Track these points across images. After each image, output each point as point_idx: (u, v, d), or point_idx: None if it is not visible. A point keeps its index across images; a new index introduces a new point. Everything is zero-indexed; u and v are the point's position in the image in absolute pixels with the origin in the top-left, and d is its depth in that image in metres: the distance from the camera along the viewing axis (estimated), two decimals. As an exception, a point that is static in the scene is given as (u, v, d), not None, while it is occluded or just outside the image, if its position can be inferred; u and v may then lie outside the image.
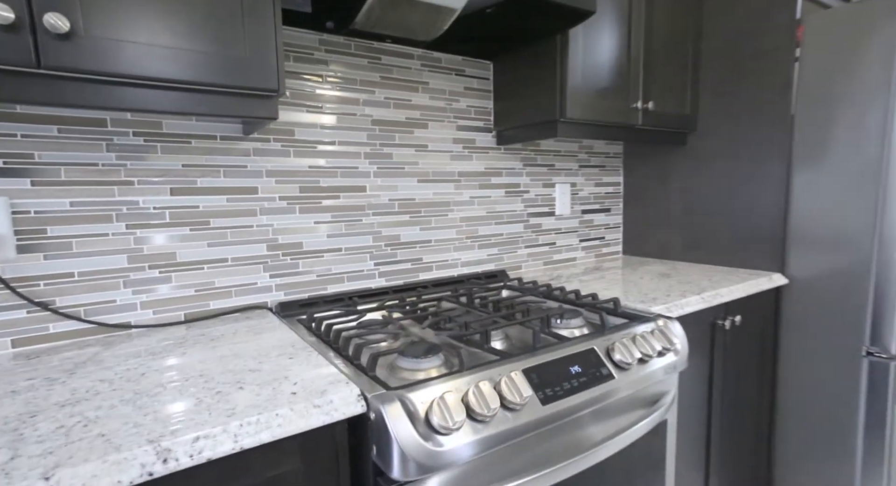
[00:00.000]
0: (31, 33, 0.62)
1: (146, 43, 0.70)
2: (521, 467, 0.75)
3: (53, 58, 0.63)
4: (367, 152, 1.24)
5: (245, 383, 0.68)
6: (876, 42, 1.21)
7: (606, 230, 1.84)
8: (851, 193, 1.28)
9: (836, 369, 1.33)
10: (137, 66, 0.69)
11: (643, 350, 0.89)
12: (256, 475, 0.59)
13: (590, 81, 1.27)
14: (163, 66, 0.71)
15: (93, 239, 0.92)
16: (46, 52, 0.63)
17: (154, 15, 0.70)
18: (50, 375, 0.73)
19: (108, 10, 0.67)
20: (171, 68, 0.71)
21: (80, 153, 0.89)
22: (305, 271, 1.17)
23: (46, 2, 0.62)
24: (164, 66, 0.71)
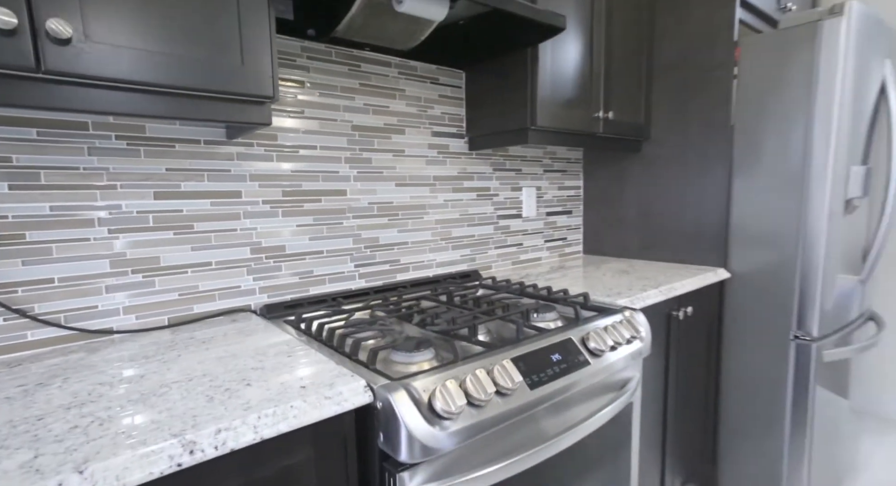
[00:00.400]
0: (31, 38, 0.62)
1: (145, 49, 0.71)
2: (511, 447, 0.82)
3: (54, 62, 0.64)
4: (347, 157, 1.27)
5: (251, 380, 0.70)
6: (798, 64, 1.38)
7: (568, 231, 1.96)
8: (780, 197, 1.45)
9: (769, 351, 1.50)
10: (137, 71, 0.70)
11: (614, 338, 0.98)
12: (273, 464, 0.62)
13: (557, 93, 1.36)
14: (161, 72, 0.72)
15: (74, 244, 0.90)
16: (47, 57, 0.63)
17: (152, 22, 0.71)
18: (41, 381, 0.72)
19: (109, 17, 0.67)
20: (169, 74, 0.73)
21: (60, 157, 0.88)
22: (288, 274, 1.19)
23: (49, 8, 0.63)
24: (163, 72, 0.72)
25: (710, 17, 1.55)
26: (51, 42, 0.63)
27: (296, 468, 0.65)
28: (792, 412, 1.48)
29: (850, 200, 1.46)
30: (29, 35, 0.62)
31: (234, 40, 0.79)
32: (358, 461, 0.72)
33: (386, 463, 0.70)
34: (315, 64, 1.20)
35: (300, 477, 0.65)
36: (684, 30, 1.61)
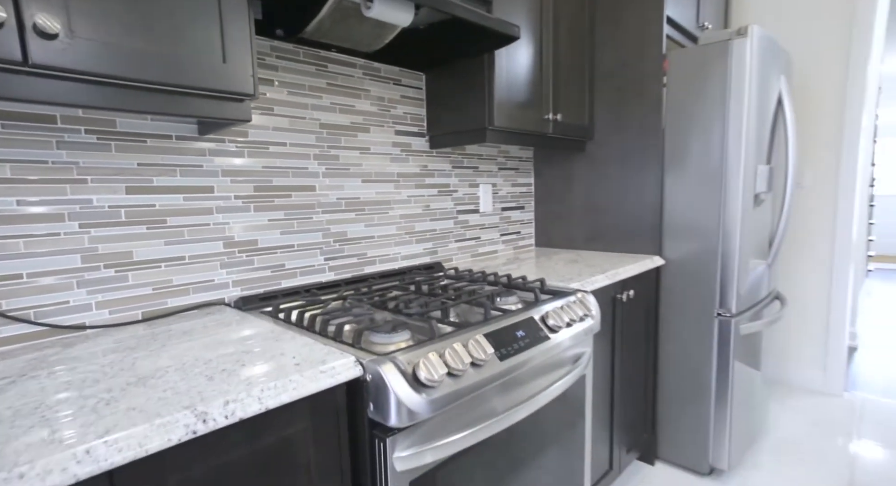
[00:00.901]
0: (18, 32, 0.63)
1: (131, 47, 0.73)
2: (484, 413, 0.91)
3: (40, 57, 0.65)
4: (315, 154, 1.32)
5: (245, 361, 0.75)
6: (714, 76, 1.58)
7: (521, 225, 2.09)
8: (703, 193, 1.66)
9: (697, 327, 1.70)
10: (123, 68, 0.72)
11: (569, 316, 1.11)
12: (275, 433, 0.67)
13: (512, 95, 1.48)
14: (147, 69, 0.75)
15: (42, 239, 0.89)
16: (33, 52, 0.65)
17: (138, 20, 0.74)
18: (24, 373, 0.72)
19: (96, 14, 0.70)
20: (155, 71, 0.75)
21: (27, 150, 0.87)
22: (260, 267, 1.22)
23: (37, 4, 0.64)
24: (149, 69, 0.75)
25: (641, 32, 1.73)
26: (37, 36, 0.65)
27: (294, 437, 0.70)
28: (717, 382, 1.69)
29: (758, 194, 1.69)
30: (16, 29, 0.63)
31: (216, 39, 0.83)
32: (349, 430, 0.78)
33: (375, 431, 0.77)
34: (284, 63, 1.23)
35: (298, 446, 0.71)
36: (620, 42, 1.79)
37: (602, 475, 1.55)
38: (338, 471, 0.76)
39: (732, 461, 1.72)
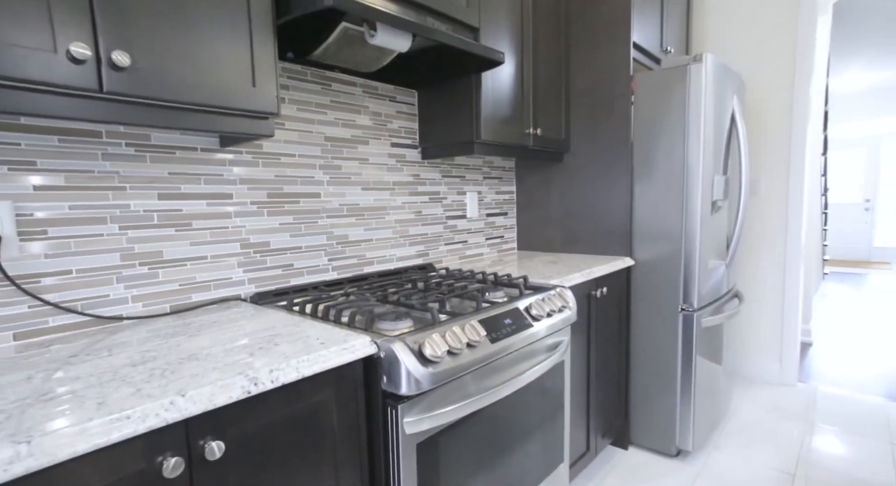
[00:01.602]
0: (96, 66, 0.76)
1: (183, 78, 0.87)
2: (478, 388, 1.06)
3: (113, 85, 0.78)
4: (321, 164, 1.46)
5: (277, 341, 0.88)
6: (675, 96, 1.79)
7: (505, 230, 2.26)
8: (668, 201, 1.85)
9: (664, 322, 1.89)
10: (177, 94, 0.86)
11: (550, 307, 1.27)
12: (306, 399, 0.81)
13: (497, 112, 1.65)
14: (196, 95, 0.88)
15: (89, 239, 1.01)
16: (107, 81, 0.78)
17: (186, 55, 0.87)
18: (89, 352, 0.84)
19: (157, 52, 0.83)
20: (202, 97, 0.89)
21: (78, 161, 0.98)
22: (272, 266, 1.34)
23: (112, 43, 0.77)
24: (198, 95, 0.88)
25: (612, 55, 1.93)
26: (111, 69, 0.78)
27: (322, 403, 0.84)
28: (682, 371, 1.87)
29: (715, 201, 1.89)
30: (95, 64, 0.76)
31: (248, 68, 0.97)
32: (366, 399, 0.92)
33: (388, 400, 0.90)
34: (294, 83, 1.37)
35: (325, 411, 0.84)
36: (593, 64, 1.98)
37: (580, 455, 1.70)
38: (357, 433, 0.90)
39: (696, 443, 1.90)
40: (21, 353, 0.86)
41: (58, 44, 0.72)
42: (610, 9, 1.91)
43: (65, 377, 0.71)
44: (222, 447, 0.68)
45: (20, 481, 0.52)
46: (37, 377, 0.72)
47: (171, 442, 0.64)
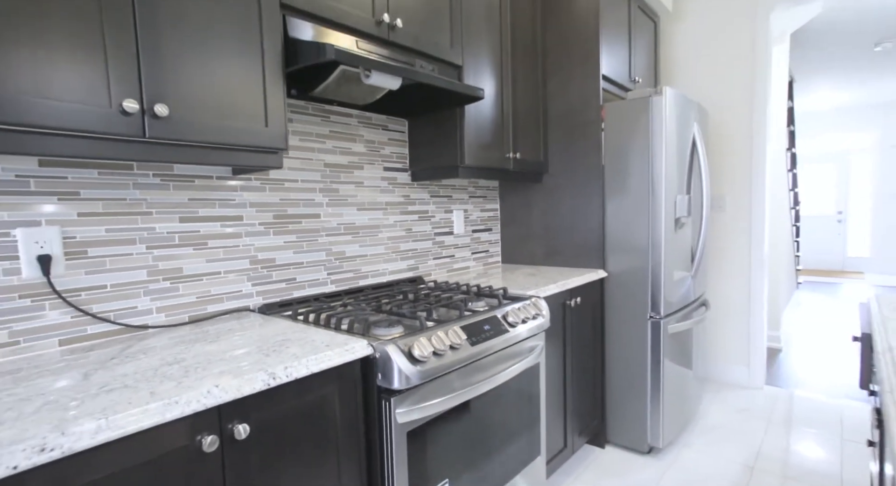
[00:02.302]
0: (141, 116, 0.93)
1: (210, 123, 1.03)
2: (460, 385, 1.21)
3: (154, 132, 0.94)
4: (320, 188, 1.62)
5: (287, 345, 1.03)
6: (640, 124, 1.99)
7: (490, 245, 2.43)
8: (636, 218, 2.04)
9: (634, 328, 2.06)
10: (206, 136, 1.02)
11: (524, 315, 1.43)
12: (314, 392, 0.96)
13: (479, 139, 1.83)
14: (221, 136, 1.05)
15: (121, 258, 1.16)
16: (149, 128, 0.94)
17: (214, 105, 1.04)
18: (126, 354, 0.99)
19: (190, 103, 0.99)
20: (226, 137, 1.05)
21: (113, 191, 1.14)
22: (277, 280, 1.50)
23: (155, 97, 0.94)
24: (222, 136, 1.05)
25: (583, 86, 2.13)
26: (153, 119, 0.94)
27: (327, 396, 0.99)
28: (651, 373, 2.04)
29: (678, 218, 2.09)
30: (140, 115, 0.93)
31: (262, 112, 1.14)
32: (363, 393, 1.07)
33: (383, 394, 1.06)
34: (297, 117, 1.54)
35: (329, 403, 1.00)
36: (568, 93, 2.18)
37: (558, 452, 1.86)
38: (356, 422, 1.05)
39: (666, 440, 2.07)
40: (66, 356, 1.00)
41: (112, 101, 0.89)
42: (581, 45, 2.12)
43: (115, 374, 0.86)
44: (248, 429, 0.83)
45: (103, 447, 0.67)
46: (93, 375, 0.87)
47: (208, 424, 0.79)
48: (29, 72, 0.80)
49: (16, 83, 0.79)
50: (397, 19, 1.46)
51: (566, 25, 2.16)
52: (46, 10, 0.82)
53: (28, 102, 0.80)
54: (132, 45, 0.92)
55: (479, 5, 1.83)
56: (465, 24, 1.76)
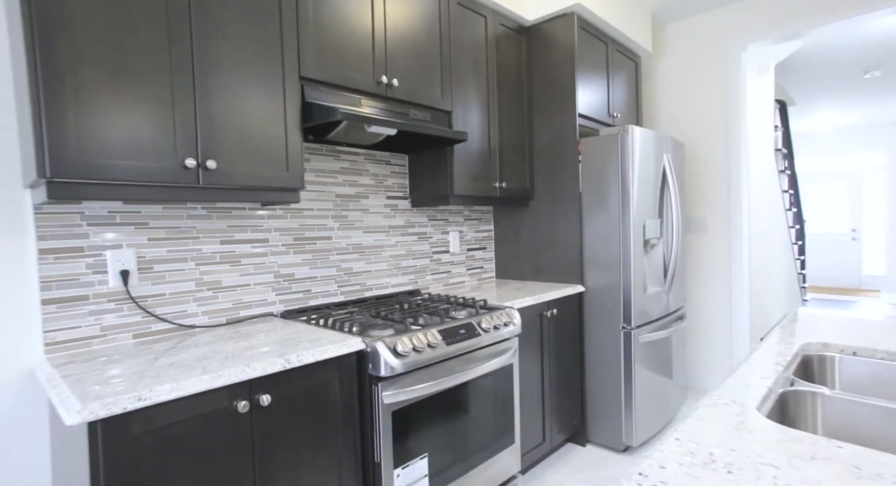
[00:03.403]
0: (196, 170, 1.27)
1: (247, 171, 1.37)
2: (436, 376, 1.50)
3: (205, 180, 1.29)
4: (332, 215, 1.96)
5: (300, 340, 1.35)
6: (611, 158, 2.27)
7: (484, 262, 2.72)
8: (609, 239, 2.30)
9: (609, 337, 2.31)
10: (245, 181, 1.36)
11: (497, 322, 1.72)
12: (319, 376, 1.27)
13: (468, 171, 2.14)
14: (256, 181, 1.39)
15: (176, 272, 1.50)
16: (202, 178, 1.28)
17: (251, 159, 1.38)
18: (181, 346, 1.32)
19: (232, 158, 1.34)
20: (260, 181, 1.39)
21: (172, 221, 1.49)
22: (296, 292, 1.82)
23: (207, 155, 1.29)
24: (257, 181, 1.39)
25: (563, 123, 2.43)
26: (205, 171, 1.29)
27: (328, 381, 1.30)
28: (624, 378, 2.28)
29: (647, 240, 2.34)
30: (196, 169, 1.27)
31: (284, 161, 1.48)
32: (357, 379, 1.38)
33: (373, 380, 1.36)
34: (313, 157, 1.89)
35: (331, 386, 1.30)
36: (550, 128, 2.48)
37: (536, 444, 2.11)
38: (351, 401, 1.35)
39: (640, 439, 2.29)
40: (138, 347, 1.34)
41: (177, 160, 1.24)
42: (560, 87, 2.43)
43: (176, 359, 1.19)
44: (269, 398, 1.15)
45: (173, 401, 0.99)
46: (161, 358, 1.20)
47: (242, 392, 1.11)
48: (122, 145, 1.16)
49: (112, 153, 1.14)
50: (394, 79, 1.80)
51: (548, 69, 2.48)
52: (134, 103, 1.18)
53: (120, 166, 1.15)
54: (192, 119, 1.27)
55: (467, 58, 2.17)
56: (454, 76, 2.09)
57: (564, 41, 2.40)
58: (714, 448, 0.67)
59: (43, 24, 1.04)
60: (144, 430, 0.96)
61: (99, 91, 1.12)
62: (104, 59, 1.13)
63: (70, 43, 1.08)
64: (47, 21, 1.04)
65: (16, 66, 1.19)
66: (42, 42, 1.04)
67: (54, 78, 1.05)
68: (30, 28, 1.03)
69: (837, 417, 0.92)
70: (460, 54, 2.12)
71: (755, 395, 0.87)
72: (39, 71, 1.03)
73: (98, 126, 1.11)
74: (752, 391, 0.89)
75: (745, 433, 0.72)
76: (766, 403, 0.88)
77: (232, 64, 1.35)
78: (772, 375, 0.97)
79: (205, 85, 1.29)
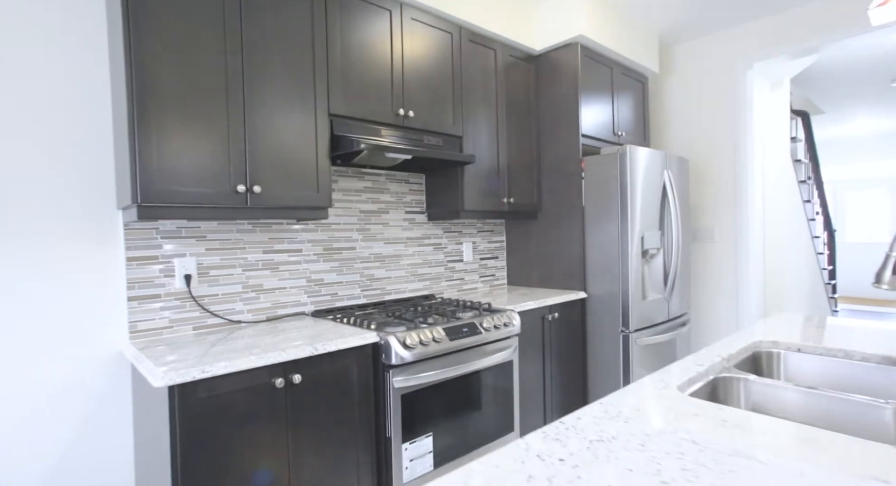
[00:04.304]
0: (245, 194, 1.59)
1: (285, 193, 1.68)
2: (441, 367, 1.75)
3: (252, 202, 1.60)
4: (357, 228, 2.25)
5: (329, 335, 1.62)
6: (611, 174, 2.46)
7: (496, 270, 2.95)
8: (610, 249, 2.49)
9: (610, 340, 2.49)
10: (283, 201, 1.67)
11: (496, 323, 1.95)
12: (341, 362, 1.54)
13: (478, 188, 2.39)
14: (292, 200, 1.69)
15: (227, 276, 1.82)
16: (249, 200, 1.59)
17: (288, 184, 1.69)
18: (231, 337, 1.62)
19: (272, 183, 1.65)
20: (297, 201, 1.70)
21: (224, 234, 1.82)
22: (324, 294, 2.12)
23: (254, 182, 1.60)
24: (293, 200, 1.69)
25: (568, 142, 2.64)
26: (251, 195, 1.60)
27: (348, 366, 1.57)
28: (623, 378, 2.45)
29: (646, 250, 2.51)
30: (245, 193, 1.58)
31: (315, 184, 1.77)
32: (373, 366, 1.64)
33: (385, 367, 1.62)
34: (340, 178, 2.19)
35: (351, 372, 1.57)
36: (556, 147, 2.70)
37: (538, 438, 2.31)
38: (367, 384, 1.61)
39: (640, 437, 2.44)
40: (197, 337, 1.65)
41: (231, 186, 1.55)
42: (565, 109, 2.65)
43: (227, 346, 1.49)
44: (300, 378, 1.43)
45: (227, 375, 1.28)
46: (217, 345, 1.50)
47: (278, 371, 1.39)
48: (189, 175, 1.48)
49: (182, 182, 1.46)
50: (410, 111, 2.09)
51: (554, 93, 2.71)
52: (198, 141, 1.50)
53: (188, 192, 1.47)
54: (243, 152, 1.58)
55: (477, 88, 2.43)
56: (465, 104, 2.35)
57: (569, 67, 2.63)
58: (624, 408, 0.89)
59: (140, 90, 1.37)
60: (207, 395, 1.26)
61: (172, 133, 1.44)
62: (177, 108, 1.45)
63: (155, 103, 1.41)
64: (143, 87, 1.38)
65: (116, 121, 1.54)
66: (139, 105, 1.37)
67: (144, 128, 1.38)
68: (131, 95, 1.36)
69: (757, 398, 1.11)
70: (471, 85, 2.39)
71: (684, 377, 1.07)
72: (136, 126, 1.37)
73: (172, 161, 1.44)
74: (684, 375, 1.09)
75: (656, 400, 0.93)
76: (693, 384, 1.08)
77: (273, 105, 1.66)
78: (707, 364, 1.17)
79: (252, 124, 1.61)
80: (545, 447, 0.73)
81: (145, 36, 1.39)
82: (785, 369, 1.34)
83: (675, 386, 1.02)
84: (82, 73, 1.55)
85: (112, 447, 1.59)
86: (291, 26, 1.71)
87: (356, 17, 1.92)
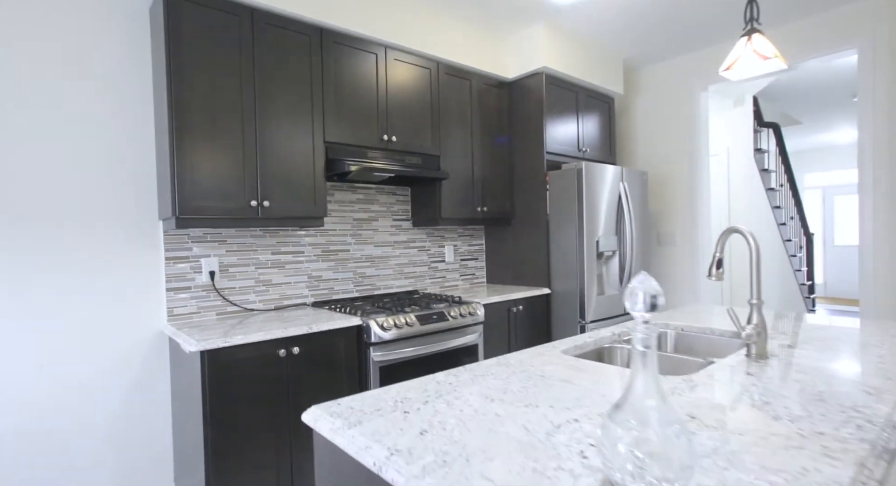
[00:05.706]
0: (257, 207, 2.02)
1: (288, 204, 2.11)
2: (414, 345, 2.16)
3: (263, 213, 2.03)
4: (350, 233, 2.67)
5: (322, 319, 2.05)
6: (571, 186, 2.85)
7: (476, 269, 3.36)
8: (569, 252, 2.87)
9: (570, 330, 2.87)
10: (287, 212, 2.10)
11: (462, 312, 2.36)
12: (329, 340, 1.97)
13: (454, 199, 2.80)
14: (293, 211, 2.12)
15: (243, 273, 2.26)
16: (260, 212, 2.03)
17: (291, 197, 2.12)
18: (246, 321, 2.05)
19: (280, 197, 2.08)
20: (296, 211, 2.13)
21: (240, 239, 2.25)
22: (323, 289, 2.55)
23: (264, 197, 2.03)
24: (294, 211, 2.12)
25: (535, 158, 3.04)
26: (262, 208, 2.03)
27: (337, 344, 1.99)
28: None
29: (601, 253, 2.90)
30: (258, 206, 2.02)
31: (313, 199, 2.20)
32: (357, 344, 2.06)
33: (367, 345, 2.04)
34: (336, 191, 2.62)
35: (339, 348, 1.99)
36: (525, 162, 3.10)
37: (504, 412, 2.70)
38: (352, 358, 2.03)
39: (595, 415, 2.82)
40: (219, 320, 2.09)
41: (246, 201, 1.98)
42: (533, 128, 3.05)
43: (243, 327, 1.92)
44: (298, 350, 1.85)
45: (243, 345, 1.71)
46: (236, 327, 1.93)
47: (281, 344, 1.82)
48: (213, 192, 1.91)
49: (208, 198, 1.90)
50: (393, 136, 2.51)
51: (524, 114, 3.11)
52: (221, 165, 1.94)
53: (212, 206, 1.91)
54: (255, 172, 2.02)
55: (454, 113, 2.84)
56: (441, 128, 2.77)
57: (536, 93, 3.03)
58: (512, 360, 1.29)
59: (179, 128, 1.82)
60: (228, 360, 1.69)
61: (201, 160, 1.88)
62: (204, 141, 1.89)
63: (190, 137, 1.85)
64: (181, 127, 1.82)
65: (159, 153, 1.99)
66: (178, 141, 1.81)
67: (181, 157, 1.83)
68: (171, 132, 1.81)
69: (627, 359, 1.50)
70: (447, 110, 2.81)
71: (571, 345, 1.47)
72: (175, 156, 1.81)
73: (200, 183, 1.88)
74: (572, 344, 1.49)
75: (538, 357, 1.33)
76: (579, 350, 1.48)
77: (279, 135, 2.10)
78: (598, 337, 1.56)
79: (262, 151, 2.05)
80: (444, 378, 1.14)
81: (183, 88, 1.84)
82: (671, 343, 1.73)
83: (560, 350, 1.42)
84: (136, 120, 2.00)
85: (156, 416, 2.03)
86: (293, 70, 2.15)
87: (347, 60, 2.35)
